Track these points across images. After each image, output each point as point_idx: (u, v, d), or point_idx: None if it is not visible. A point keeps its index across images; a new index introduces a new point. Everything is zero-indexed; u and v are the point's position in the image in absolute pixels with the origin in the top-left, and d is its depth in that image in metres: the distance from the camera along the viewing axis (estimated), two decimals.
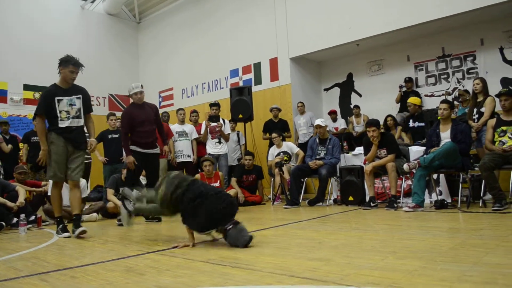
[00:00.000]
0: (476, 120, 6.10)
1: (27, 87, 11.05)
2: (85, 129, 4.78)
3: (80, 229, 4.37)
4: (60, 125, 4.49)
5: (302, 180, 6.91)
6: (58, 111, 4.49)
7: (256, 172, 7.71)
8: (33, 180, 7.08)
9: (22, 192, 5.73)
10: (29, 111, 10.78)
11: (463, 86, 8.17)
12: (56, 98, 4.50)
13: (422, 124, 7.37)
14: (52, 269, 2.84)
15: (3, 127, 8.41)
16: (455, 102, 7.68)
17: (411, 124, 7.35)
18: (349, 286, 2.03)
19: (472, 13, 7.24)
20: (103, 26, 13.02)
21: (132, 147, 5.56)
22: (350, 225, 4.36)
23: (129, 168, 5.54)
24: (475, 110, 6.19)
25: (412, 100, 7.41)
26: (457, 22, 7.84)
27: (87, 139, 4.80)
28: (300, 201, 6.70)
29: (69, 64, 4.51)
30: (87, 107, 4.74)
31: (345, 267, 2.44)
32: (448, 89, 8.56)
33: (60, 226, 4.55)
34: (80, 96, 4.65)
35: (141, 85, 5.72)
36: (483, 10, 7.11)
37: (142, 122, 5.55)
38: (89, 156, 7.61)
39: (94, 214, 6.22)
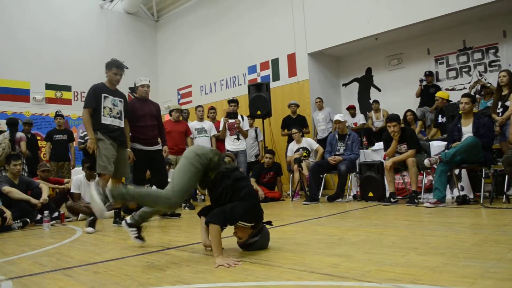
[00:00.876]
0: (500, 114, 5.91)
1: (49, 87, 11.26)
2: None
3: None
4: (102, 121, 4.71)
5: (321, 176, 6.88)
6: (102, 107, 4.73)
7: (275, 169, 7.72)
8: (56, 178, 7.23)
9: (45, 189, 5.85)
10: (51, 109, 10.99)
11: (485, 79, 8.01)
12: (103, 95, 4.77)
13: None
14: (76, 264, 2.90)
15: (26, 127, 8.59)
16: (477, 96, 7.53)
17: (440, 119, 7.23)
18: (370, 283, 2.02)
19: (493, 5, 7.08)
20: (122, 25, 13.16)
21: (134, 145, 5.50)
22: (370, 221, 4.33)
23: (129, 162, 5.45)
24: (499, 103, 6.00)
25: (441, 94, 7.29)
26: (478, 14, 7.68)
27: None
28: (320, 197, 6.68)
29: (112, 66, 4.84)
30: (127, 112, 5.06)
31: (365, 263, 2.42)
32: (469, 82, 8.41)
33: (92, 218, 4.66)
34: (122, 99, 4.98)
35: (149, 80, 5.79)
36: (505, 1, 6.96)
37: (143, 116, 5.52)
38: None
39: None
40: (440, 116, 7.34)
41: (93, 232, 4.53)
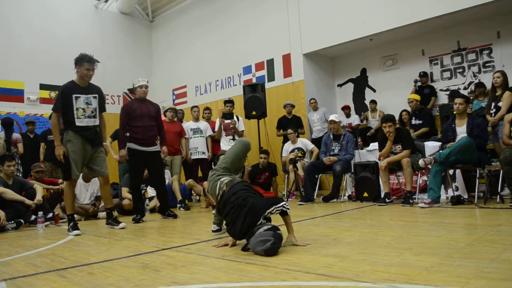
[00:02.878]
0: (493, 115, 5.96)
1: (43, 87, 11.20)
2: None
3: (122, 224, 4.80)
4: (77, 123, 4.55)
5: (316, 176, 6.88)
6: (75, 109, 4.54)
7: (270, 169, 7.71)
8: (50, 178, 7.20)
9: (39, 190, 5.82)
10: (46, 110, 10.93)
11: (479, 80, 8.05)
12: (74, 96, 4.56)
13: (421, 121, 7.32)
14: (70, 265, 2.89)
15: (30, 127, 8.53)
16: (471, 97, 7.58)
17: (413, 121, 7.32)
18: (364, 283, 2.02)
19: (487, 6, 7.11)
20: (117, 25, 13.12)
21: (130, 145, 5.46)
22: (365, 222, 4.34)
23: (121, 161, 5.75)
24: (492, 104, 6.04)
25: (413, 96, 7.37)
26: (473, 15, 7.72)
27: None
28: (315, 197, 6.68)
29: (83, 61, 4.58)
30: (102, 106, 4.84)
31: (360, 263, 2.43)
32: (464, 83, 8.45)
33: (71, 223, 4.61)
34: (97, 95, 4.74)
35: (147, 81, 5.72)
36: (499, 2, 6.99)
37: (141, 116, 5.45)
38: None
39: None
40: (413, 118, 7.43)
41: (79, 234, 4.49)
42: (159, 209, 5.86)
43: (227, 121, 7.82)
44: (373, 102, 9.18)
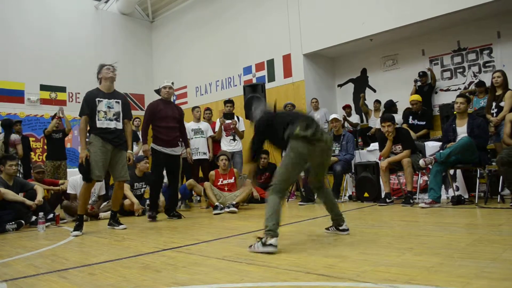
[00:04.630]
0: (495, 115, 5.93)
1: (43, 87, 11.20)
2: None
3: (122, 226, 4.89)
4: (98, 125, 4.71)
5: None
6: (97, 111, 4.73)
7: (270, 169, 7.72)
8: (51, 179, 7.19)
9: (40, 190, 5.82)
10: (46, 111, 10.95)
11: (479, 80, 8.04)
12: (97, 99, 4.75)
13: (423, 123, 7.30)
14: (71, 266, 2.89)
15: (18, 127, 8.45)
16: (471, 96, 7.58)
17: (410, 121, 7.31)
18: (365, 283, 2.02)
19: (488, 6, 7.11)
20: (117, 26, 13.13)
21: (155, 147, 5.59)
22: (366, 222, 4.34)
23: (146, 154, 5.90)
24: (493, 104, 6.01)
25: (415, 97, 7.37)
26: (473, 15, 7.71)
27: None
28: (315, 198, 6.68)
29: (102, 67, 4.89)
30: (126, 113, 4.98)
31: (361, 263, 2.43)
32: (464, 82, 8.45)
33: (77, 223, 4.68)
34: (120, 101, 4.92)
35: (172, 82, 5.87)
36: (499, 2, 6.98)
37: (165, 117, 5.59)
38: None
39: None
40: (411, 117, 7.41)
41: (79, 235, 4.51)
42: (165, 209, 5.93)
43: (227, 121, 7.82)
44: (377, 102, 9.18)
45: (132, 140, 5.14)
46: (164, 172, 5.93)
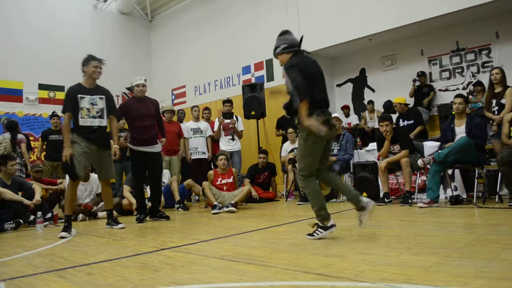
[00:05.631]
0: (496, 113, 5.86)
1: (42, 87, 11.18)
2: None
3: (120, 225, 4.85)
4: (81, 123, 4.55)
5: None
6: (79, 108, 4.55)
7: (269, 169, 7.72)
8: (49, 178, 7.19)
9: (38, 190, 5.82)
10: (44, 110, 10.93)
11: (477, 80, 8.06)
12: (79, 96, 4.58)
13: (411, 121, 7.33)
14: (69, 265, 2.88)
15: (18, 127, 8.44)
16: (470, 96, 7.59)
17: (401, 123, 7.34)
18: (364, 282, 2.03)
19: (486, 6, 7.12)
20: (116, 25, 13.11)
21: (133, 147, 5.46)
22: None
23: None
24: (494, 101, 5.93)
25: (397, 100, 7.42)
26: (471, 15, 7.72)
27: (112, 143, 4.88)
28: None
29: (90, 60, 4.68)
30: (111, 108, 4.80)
31: (359, 263, 2.43)
32: (462, 83, 8.46)
33: (66, 224, 4.55)
34: (103, 96, 4.72)
35: (145, 79, 5.68)
36: (498, 2, 6.99)
37: (140, 116, 5.42)
38: None
39: None
40: (401, 120, 7.44)
41: (68, 237, 4.38)
42: (149, 211, 5.67)
43: (226, 121, 7.83)
44: (371, 102, 9.18)
45: (117, 136, 4.98)
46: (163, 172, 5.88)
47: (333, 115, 6.81)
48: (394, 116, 7.26)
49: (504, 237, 2.97)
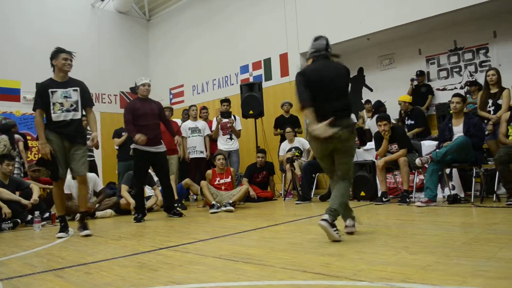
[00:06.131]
0: (492, 113, 5.93)
1: None
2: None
3: (86, 232, 4.33)
4: (53, 119, 4.35)
5: (313, 175, 6.89)
6: (51, 104, 4.36)
7: (267, 168, 7.72)
8: (47, 178, 7.17)
9: (36, 189, 5.81)
10: None
11: (475, 79, 8.07)
12: (50, 90, 4.39)
13: (413, 121, 7.33)
14: (67, 265, 2.88)
15: (14, 129, 8.37)
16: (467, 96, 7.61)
17: (406, 121, 7.36)
18: (361, 282, 2.03)
19: (484, 5, 7.12)
20: (114, 24, 13.08)
21: (136, 146, 5.47)
22: (362, 220, 4.34)
23: (141, 143, 5.36)
24: (490, 101, 6.00)
25: (402, 98, 7.41)
26: (469, 14, 7.72)
27: (88, 135, 4.75)
28: (312, 196, 6.69)
29: (59, 53, 4.47)
30: (87, 100, 4.59)
31: (357, 262, 2.43)
32: (460, 82, 8.48)
33: (62, 225, 4.49)
34: (77, 88, 4.52)
35: (149, 79, 5.75)
36: (496, 2, 7.00)
37: (144, 115, 5.48)
38: (92, 154, 7.61)
39: (109, 210, 6.29)
40: (406, 118, 7.44)
41: (65, 237, 4.35)
42: (165, 208, 5.89)
43: (224, 120, 7.82)
44: (368, 102, 9.19)
45: (96, 126, 4.69)
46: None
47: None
48: (391, 115, 7.26)
49: (501, 236, 2.97)
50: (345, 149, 3.33)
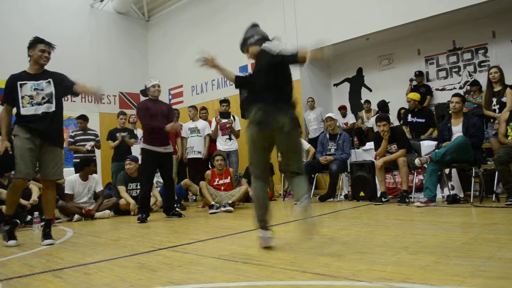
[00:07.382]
0: (497, 111, 5.89)
1: None
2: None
3: (48, 241, 3.93)
4: (22, 113, 3.95)
5: (312, 176, 6.89)
6: (20, 97, 3.98)
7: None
8: None
9: (35, 190, 5.79)
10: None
11: (474, 79, 8.07)
12: (19, 83, 4.04)
13: (422, 120, 7.29)
14: (66, 265, 2.88)
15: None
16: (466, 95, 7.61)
17: (409, 118, 7.31)
18: (361, 282, 2.03)
19: (483, 6, 7.13)
20: (113, 25, 13.06)
21: (148, 147, 5.55)
22: (362, 221, 4.34)
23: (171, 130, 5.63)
24: (494, 100, 5.97)
25: (412, 95, 7.38)
26: (468, 14, 7.74)
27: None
28: (311, 197, 6.68)
29: (37, 43, 4.18)
30: (65, 87, 4.22)
31: (357, 262, 2.43)
32: (459, 82, 8.48)
33: (8, 228, 4.01)
34: (50, 80, 4.15)
35: (159, 80, 5.89)
36: (495, 2, 7.01)
37: (155, 116, 5.56)
38: (93, 154, 7.58)
39: (107, 211, 6.28)
40: (410, 115, 7.38)
41: (15, 245, 3.94)
42: (164, 209, 5.92)
43: (223, 121, 7.82)
44: (367, 102, 9.20)
45: (87, 88, 4.41)
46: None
47: (327, 115, 6.85)
48: (392, 116, 7.27)
49: (501, 236, 2.97)
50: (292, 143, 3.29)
